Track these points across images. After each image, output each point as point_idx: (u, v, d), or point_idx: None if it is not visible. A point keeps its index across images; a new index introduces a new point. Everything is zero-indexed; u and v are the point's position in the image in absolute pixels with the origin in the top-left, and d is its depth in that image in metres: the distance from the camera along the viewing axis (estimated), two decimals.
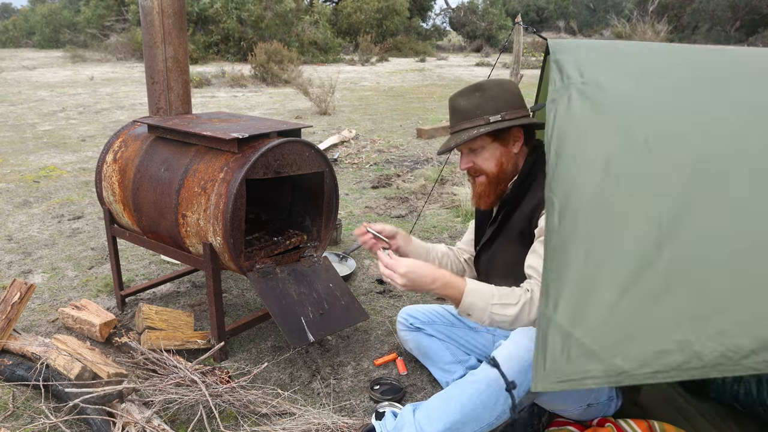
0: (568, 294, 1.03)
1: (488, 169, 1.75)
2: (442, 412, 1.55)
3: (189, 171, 2.20)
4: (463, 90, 1.75)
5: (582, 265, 1.05)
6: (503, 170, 1.75)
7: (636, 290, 1.01)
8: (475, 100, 1.71)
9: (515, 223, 1.73)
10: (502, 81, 1.75)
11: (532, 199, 1.67)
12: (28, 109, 8.70)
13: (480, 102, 1.70)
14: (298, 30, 17.68)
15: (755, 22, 22.16)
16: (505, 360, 1.51)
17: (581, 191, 1.13)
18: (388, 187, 4.87)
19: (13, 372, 2.06)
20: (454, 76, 14.53)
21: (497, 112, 1.68)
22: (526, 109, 1.75)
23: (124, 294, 2.72)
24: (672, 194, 1.10)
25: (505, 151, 1.73)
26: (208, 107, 8.99)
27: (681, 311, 0.98)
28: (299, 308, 2.21)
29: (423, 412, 1.59)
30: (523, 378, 1.49)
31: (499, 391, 1.50)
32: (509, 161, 1.74)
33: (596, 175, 1.14)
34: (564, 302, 1.02)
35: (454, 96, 1.77)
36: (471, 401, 1.52)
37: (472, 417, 1.52)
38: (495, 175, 1.75)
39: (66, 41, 21.02)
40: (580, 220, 1.10)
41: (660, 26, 17.77)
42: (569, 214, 1.11)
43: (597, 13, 28.20)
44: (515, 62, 3.39)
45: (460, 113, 1.74)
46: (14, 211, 4.17)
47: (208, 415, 1.86)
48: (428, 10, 27.91)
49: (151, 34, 2.38)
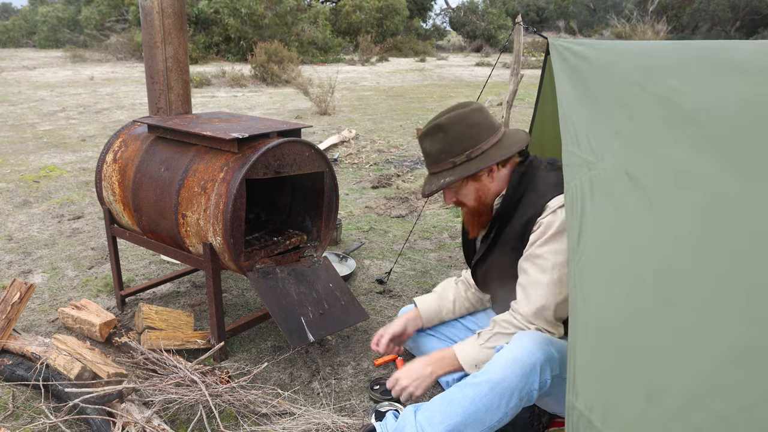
0: (597, 394, 1.08)
1: (468, 203, 1.80)
2: (444, 414, 1.54)
3: (189, 171, 2.20)
4: (428, 129, 1.75)
5: (611, 369, 1.09)
6: (482, 203, 1.79)
7: (661, 404, 1.03)
8: (438, 143, 1.73)
9: (508, 238, 1.75)
10: (463, 115, 1.71)
11: (524, 214, 1.69)
12: (28, 109, 8.70)
13: (443, 145, 1.71)
14: (297, 30, 17.67)
15: (755, 22, 22.16)
16: (508, 363, 1.51)
17: (608, 305, 1.16)
18: (388, 187, 4.88)
19: (13, 372, 2.06)
20: (454, 76, 14.53)
21: (463, 152, 1.70)
22: (496, 132, 1.73)
23: (124, 294, 2.72)
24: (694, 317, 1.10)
25: (481, 186, 1.76)
26: (208, 107, 8.99)
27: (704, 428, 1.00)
28: (299, 308, 2.21)
29: (424, 414, 1.59)
30: (526, 381, 1.49)
31: (501, 394, 1.49)
32: (486, 193, 1.78)
33: (625, 289, 1.15)
34: (596, 404, 1.07)
35: (421, 135, 1.80)
36: (473, 404, 1.51)
37: (474, 420, 1.51)
38: (474, 208, 1.80)
39: (66, 41, 21.02)
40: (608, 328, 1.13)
41: (660, 26, 17.77)
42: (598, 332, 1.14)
43: (597, 13, 28.19)
44: (515, 62, 3.39)
45: (427, 157, 1.78)
46: (14, 211, 4.17)
47: (208, 415, 1.86)
48: (428, 10, 27.90)
49: (151, 34, 2.38)
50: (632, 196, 1.25)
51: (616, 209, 1.26)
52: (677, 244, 1.17)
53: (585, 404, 1.07)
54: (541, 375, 1.50)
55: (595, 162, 1.34)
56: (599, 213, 1.27)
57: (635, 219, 1.23)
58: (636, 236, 1.21)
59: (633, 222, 1.23)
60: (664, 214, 1.21)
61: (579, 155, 1.36)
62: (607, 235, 1.24)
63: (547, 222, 1.61)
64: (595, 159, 1.34)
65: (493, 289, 1.95)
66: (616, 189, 1.28)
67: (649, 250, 1.18)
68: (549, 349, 1.52)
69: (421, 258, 3.36)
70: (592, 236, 1.24)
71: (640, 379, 1.06)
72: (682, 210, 1.20)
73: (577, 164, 1.35)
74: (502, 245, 1.77)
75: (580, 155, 1.36)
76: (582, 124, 1.43)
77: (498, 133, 1.73)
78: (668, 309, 1.11)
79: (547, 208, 1.63)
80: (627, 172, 1.28)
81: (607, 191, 1.29)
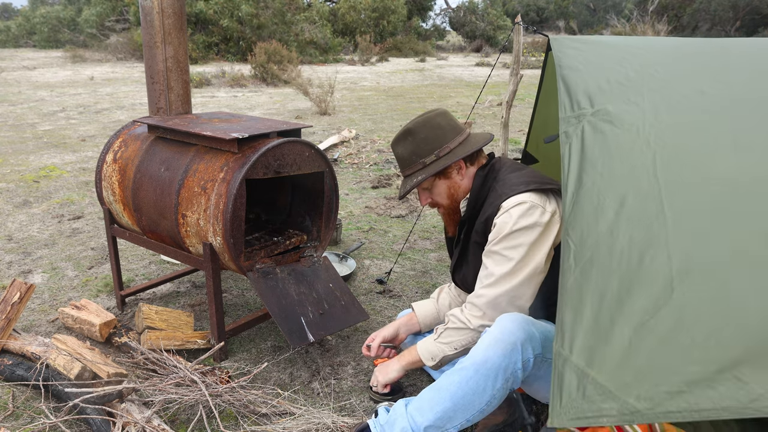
0: (584, 335, 1.07)
1: (441, 201, 1.90)
2: (433, 402, 1.58)
3: (189, 171, 2.20)
4: (398, 136, 1.87)
5: (596, 307, 1.09)
6: (455, 200, 1.89)
7: (649, 332, 1.04)
8: (408, 147, 1.84)
9: (474, 238, 1.82)
10: (429, 119, 1.83)
11: (485, 214, 1.75)
12: (28, 109, 8.70)
13: (413, 148, 1.83)
14: (297, 30, 17.67)
15: (755, 22, 22.16)
16: (490, 344, 1.54)
17: (595, 235, 1.18)
18: (388, 187, 4.87)
19: (13, 372, 2.06)
20: (454, 76, 14.53)
21: (431, 152, 1.81)
22: (461, 133, 1.83)
23: (124, 294, 2.72)
24: (684, 235, 1.12)
25: (452, 183, 1.86)
26: (208, 107, 8.99)
27: (693, 353, 1.01)
28: (299, 308, 2.21)
29: (414, 405, 1.63)
30: (509, 361, 1.52)
31: (487, 375, 1.52)
32: (458, 190, 1.87)
33: (609, 217, 1.18)
34: (579, 343, 1.07)
35: (392, 142, 1.91)
36: (460, 388, 1.54)
37: (463, 404, 1.54)
38: (449, 206, 1.90)
39: (66, 41, 21.02)
40: (594, 263, 1.14)
41: (660, 26, 17.77)
42: (584, 256, 1.16)
43: (597, 13, 28.20)
44: (515, 62, 3.39)
45: (400, 161, 1.88)
46: (14, 211, 4.17)
47: (208, 415, 1.86)
48: (428, 10, 27.89)
49: (151, 34, 2.38)
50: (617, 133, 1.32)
51: (605, 148, 1.31)
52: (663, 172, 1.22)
53: (569, 348, 1.07)
54: (522, 353, 1.53)
55: (583, 112, 1.40)
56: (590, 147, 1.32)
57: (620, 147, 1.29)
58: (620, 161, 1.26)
59: (619, 149, 1.29)
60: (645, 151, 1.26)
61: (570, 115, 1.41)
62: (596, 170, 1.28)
63: (501, 222, 1.67)
64: (581, 109, 1.41)
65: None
66: (601, 127, 1.34)
67: (635, 179, 1.23)
68: (529, 329, 1.56)
69: (421, 258, 3.36)
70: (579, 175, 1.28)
71: (627, 313, 1.07)
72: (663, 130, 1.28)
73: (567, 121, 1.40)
74: (472, 246, 1.84)
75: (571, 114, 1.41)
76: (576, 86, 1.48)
77: (463, 134, 1.84)
78: (653, 229, 1.14)
79: (502, 208, 1.68)
80: (607, 111, 1.35)
81: (597, 135, 1.34)
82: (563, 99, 1.44)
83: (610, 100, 1.39)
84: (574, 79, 1.47)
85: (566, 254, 1.18)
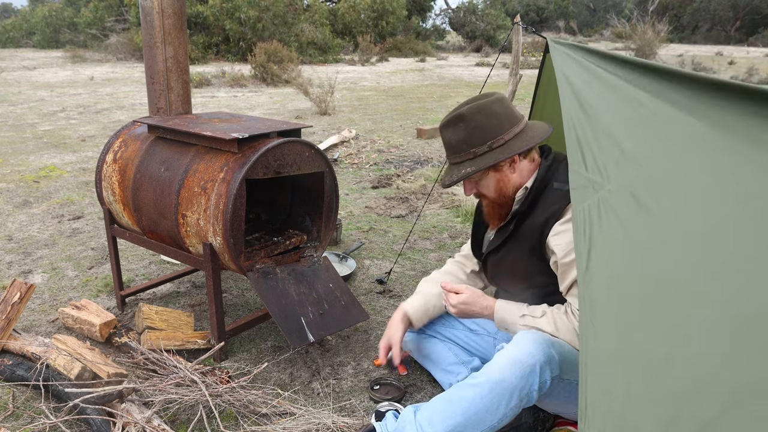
0: (612, 428, 1.08)
1: (489, 194, 1.78)
2: (444, 414, 1.54)
3: (189, 171, 2.20)
4: (449, 119, 1.73)
5: (623, 400, 1.09)
6: (503, 195, 1.77)
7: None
8: (459, 133, 1.71)
9: (526, 233, 1.73)
10: (484, 105, 1.69)
11: (545, 211, 1.67)
12: (28, 109, 8.70)
13: (464, 135, 1.70)
14: (297, 30, 17.67)
15: (755, 22, 22.17)
16: (508, 363, 1.50)
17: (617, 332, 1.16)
18: (388, 187, 4.88)
19: (13, 372, 2.06)
20: (454, 76, 14.53)
21: (484, 142, 1.68)
22: (518, 123, 1.71)
23: (124, 294, 2.72)
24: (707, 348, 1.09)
25: (502, 177, 1.74)
26: (208, 107, 8.99)
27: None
28: (299, 308, 2.21)
29: (424, 414, 1.59)
30: (525, 382, 1.49)
31: (501, 395, 1.49)
32: (507, 185, 1.75)
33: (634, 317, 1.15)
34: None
35: (441, 124, 1.77)
36: (473, 405, 1.51)
37: (474, 420, 1.51)
38: (495, 200, 1.79)
39: (66, 41, 21.02)
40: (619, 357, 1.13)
41: (660, 26, 17.78)
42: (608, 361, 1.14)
43: (597, 13, 28.18)
44: (514, 62, 3.39)
45: (448, 147, 1.76)
46: (14, 211, 4.17)
47: (208, 415, 1.86)
48: (428, 11, 27.90)
49: (151, 34, 2.38)
50: (639, 219, 1.24)
51: (623, 233, 1.25)
52: (685, 269, 1.15)
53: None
54: (540, 376, 1.50)
55: (602, 183, 1.32)
56: (607, 237, 1.26)
57: (642, 243, 1.22)
58: (643, 261, 1.20)
59: (640, 246, 1.22)
60: (671, 238, 1.19)
61: (585, 176, 1.35)
62: (615, 260, 1.23)
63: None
64: (601, 179, 1.32)
65: (501, 283, 1.95)
66: (623, 212, 1.26)
67: (656, 276, 1.17)
68: (549, 351, 1.52)
69: (421, 258, 3.36)
70: (600, 261, 1.23)
71: (653, 411, 1.05)
72: (689, 235, 1.18)
73: (584, 185, 1.34)
74: (520, 240, 1.75)
75: (587, 176, 1.35)
76: (588, 143, 1.41)
77: (520, 124, 1.71)
78: (677, 338, 1.10)
79: (567, 212, 1.62)
80: (633, 194, 1.27)
81: (613, 214, 1.27)
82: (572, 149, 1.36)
83: (629, 179, 1.30)
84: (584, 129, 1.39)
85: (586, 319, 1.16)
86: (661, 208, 1.23)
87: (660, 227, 1.21)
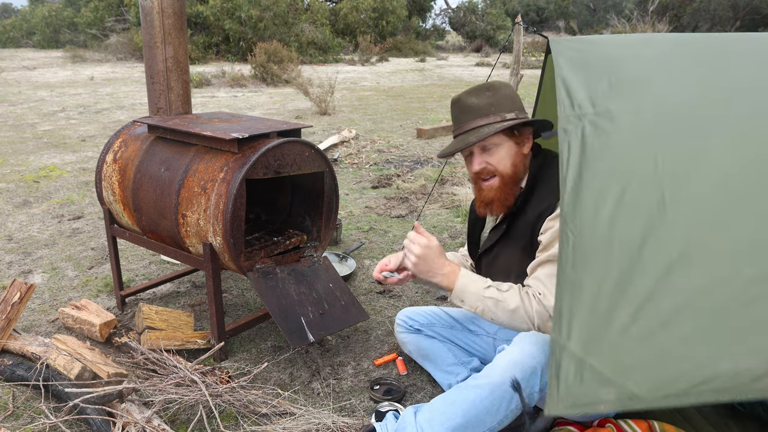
0: (581, 322, 1.07)
1: (503, 169, 1.69)
2: (445, 415, 1.54)
3: (189, 171, 2.20)
4: (472, 89, 1.71)
5: (595, 295, 1.09)
6: (517, 171, 1.71)
7: (647, 316, 1.04)
8: (488, 98, 1.67)
9: (520, 230, 1.72)
10: (507, 83, 1.74)
11: (537, 207, 1.66)
12: (28, 109, 8.70)
13: (493, 100, 1.67)
14: (297, 30, 17.68)
15: (755, 22, 22.17)
16: (509, 365, 1.50)
17: (596, 225, 1.17)
18: (388, 187, 4.87)
19: (13, 372, 2.06)
20: (454, 76, 14.53)
21: (512, 110, 1.67)
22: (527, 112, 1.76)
23: (124, 294, 2.72)
24: (685, 222, 1.12)
25: (519, 152, 1.70)
26: (208, 107, 8.99)
27: (692, 337, 1.01)
28: (299, 308, 2.21)
29: (425, 415, 1.58)
30: (526, 384, 1.48)
31: (502, 397, 1.49)
32: (521, 162, 1.71)
33: (609, 206, 1.17)
34: (577, 330, 1.06)
35: (462, 95, 1.72)
36: (474, 406, 1.51)
37: (475, 422, 1.51)
38: (510, 176, 1.70)
39: (66, 41, 21.02)
40: (594, 253, 1.13)
41: (660, 26, 17.77)
42: (583, 247, 1.14)
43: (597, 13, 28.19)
44: (515, 62, 3.39)
45: (473, 111, 1.68)
46: (14, 211, 4.17)
47: (208, 415, 1.86)
48: (428, 11, 27.90)
49: (151, 34, 2.38)
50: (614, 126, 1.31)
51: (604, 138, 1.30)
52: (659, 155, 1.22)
53: (567, 336, 1.06)
54: (541, 378, 1.49)
55: (587, 110, 1.38)
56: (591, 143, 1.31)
57: (621, 143, 1.28)
58: (621, 156, 1.26)
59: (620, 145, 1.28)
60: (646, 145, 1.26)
61: (572, 113, 1.40)
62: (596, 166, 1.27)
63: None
64: (588, 109, 1.38)
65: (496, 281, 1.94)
66: (602, 125, 1.32)
67: (632, 167, 1.23)
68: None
69: None
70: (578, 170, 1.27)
71: (627, 294, 1.07)
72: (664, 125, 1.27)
73: (568, 120, 1.38)
74: (513, 238, 1.74)
75: (573, 113, 1.40)
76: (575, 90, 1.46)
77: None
78: (657, 211, 1.14)
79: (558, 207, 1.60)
80: (608, 110, 1.33)
81: (595, 127, 1.33)
82: (563, 98, 1.43)
83: (612, 100, 1.39)
84: (575, 81, 1.46)
85: (565, 245, 1.17)
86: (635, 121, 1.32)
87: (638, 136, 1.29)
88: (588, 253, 1.14)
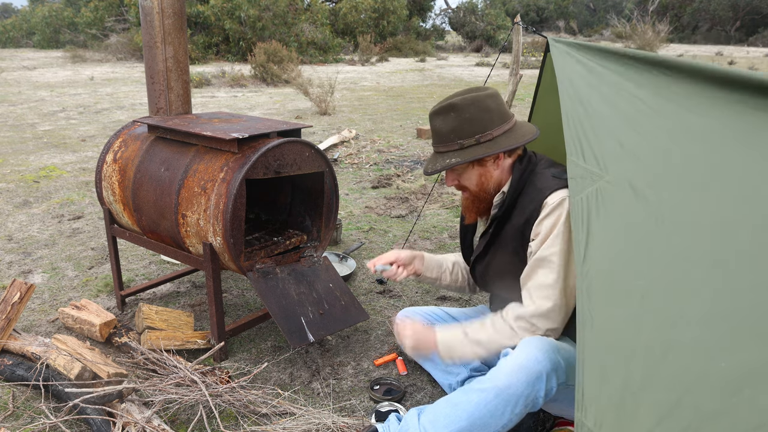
0: (607, 411, 1.08)
1: (471, 187, 1.77)
2: (449, 418, 1.53)
3: (189, 171, 2.20)
4: (439, 108, 1.70)
5: (621, 388, 1.09)
6: (484, 189, 1.76)
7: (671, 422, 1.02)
8: (450, 122, 1.68)
9: (508, 235, 1.73)
10: (477, 98, 1.67)
11: (523, 212, 1.67)
12: (28, 109, 8.70)
13: (454, 125, 1.67)
14: (297, 30, 17.68)
15: (755, 22, 22.18)
16: (514, 370, 1.49)
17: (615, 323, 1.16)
18: (388, 187, 4.88)
19: (13, 372, 2.06)
20: (454, 76, 14.53)
21: (472, 135, 1.66)
22: (508, 120, 1.70)
23: (124, 294, 2.72)
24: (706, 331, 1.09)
25: (485, 172, 1.73)
26: (208, 107, 8.99)
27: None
28: (299, 308, 2.21)
29: (428, 417, 1.58)
30: (531, 389, 1.48)
31: (507, 401, 1.48)
32: (489, 180, 1.74)
33: (633, 307, 1.15)
34: (607, 425, 1.07)
35: (432, 112, 1.74)
36: (478, 410, 1.50)
37: (479, 425, 1.50)
38: (476, 193, 1.77)
39: (66, 41, 21.01)
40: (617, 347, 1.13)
41: (660, 26, 17.77)
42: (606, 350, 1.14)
43: (597, 13, 28.19)
44: (515, 62, 3.39)
45: (436, 135, 1.73)
46: (14, 211, 4.17)
47: (208, 415, 1.86)
48: (428, 11, 27.90)
49: (151, 35, 2.38)
50: (637, 209, 1.24)
51: (622, 223, 1.24)
52: (683, 259, 1.15)
53: (594, 422, 1.06)
54: (547, 383, 1.49)
55: (600, 173, 1.32)
56: (605, 227, 1.26)
57: (641, 234, 1.21)
58: (642, 251, 1.20)
59: (638, 237, 1.22)
60: (669, 229, 1.19)
61: (583, 166, 1.36)
62: (613, 250, 1.22)
63: (549, 224, 1.59)
64: (599, 170, 1.32)
65: (492, 288, 1.95)
66: (621, 202, 1.26)
67: (655, 266, 1.17)
68: (555, 357, 1.51)
69: None
70: (598, 251, 1.23)
71: (651, 399, 1.05)
72: (687, 225, 1.18)
73: (581, 176, 1.34)
74: (503, 243, 1.75)
75: (585, 167, 1.35)
76: (586, 135, 1.42)
77: (510, 122, 1.70)
78: (676, 327, 1.10)
79: (546, 206, 1.60)
80: (631, 185, 1.27)
81: (612, 204, 1.27)
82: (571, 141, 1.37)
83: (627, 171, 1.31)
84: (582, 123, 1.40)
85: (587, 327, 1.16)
86: (660, 199, 1.24)
87: (658, 217, 1.22)
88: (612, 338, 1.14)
